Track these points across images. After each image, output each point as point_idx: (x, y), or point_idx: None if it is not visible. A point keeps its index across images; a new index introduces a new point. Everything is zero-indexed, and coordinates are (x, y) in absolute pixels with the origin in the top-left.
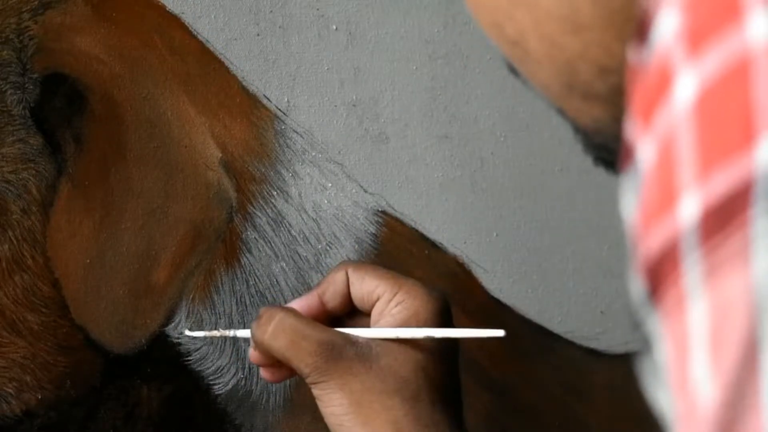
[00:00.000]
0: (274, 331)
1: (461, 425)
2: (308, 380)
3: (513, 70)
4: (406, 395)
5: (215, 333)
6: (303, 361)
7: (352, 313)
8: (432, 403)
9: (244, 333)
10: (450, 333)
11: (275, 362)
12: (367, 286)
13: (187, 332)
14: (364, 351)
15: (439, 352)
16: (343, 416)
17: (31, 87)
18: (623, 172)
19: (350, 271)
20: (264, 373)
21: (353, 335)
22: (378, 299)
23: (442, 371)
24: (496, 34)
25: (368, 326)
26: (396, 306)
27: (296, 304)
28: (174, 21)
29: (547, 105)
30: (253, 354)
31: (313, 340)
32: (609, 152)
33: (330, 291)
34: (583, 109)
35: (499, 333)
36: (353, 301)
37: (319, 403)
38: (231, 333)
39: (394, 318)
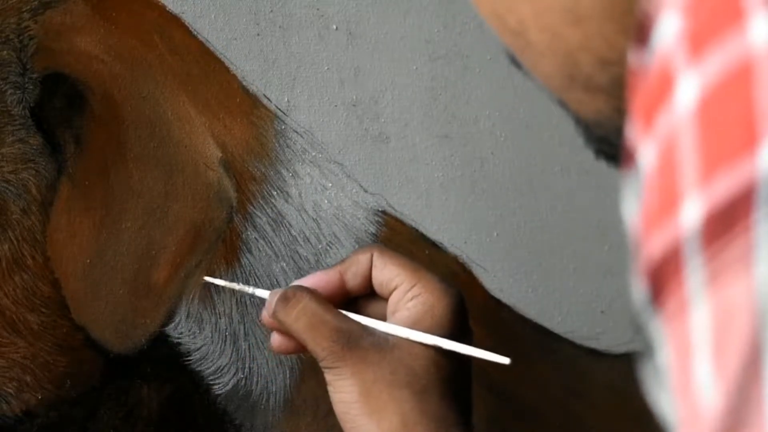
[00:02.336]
0: (296, 314)
1: (469, 422)
2: (322, 364)
3: (514, 61)
4: (415, 388)
5: (234, 285)
6: (320, 345)
7: (370, 295)
8: (441, 399)
9: (262, 293)
10: (456, 347)
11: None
12: (387, 273)
13: (206, 278)
14: (380, 342)
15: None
16: (352, 404)
17: (31, 87)
18: (624, 175)
19: (375, 255)
20: (274, 340)
21: (370, 326)
22: (396, 288)
23: (454, 368)
24: (497, 25)
25: (384, 312)
26: (412, 299)
27: (317, 277)
28: (174, 21)
29: (547, 100)
30: (265, 318)
31: (332, 326)
32: (610, 145)
33: (352, 270)
34: (585, 100)
35: (505, 360)
36: (373, 284)
37: (329, 388)
38: (250, 290)
39: (409, 311)
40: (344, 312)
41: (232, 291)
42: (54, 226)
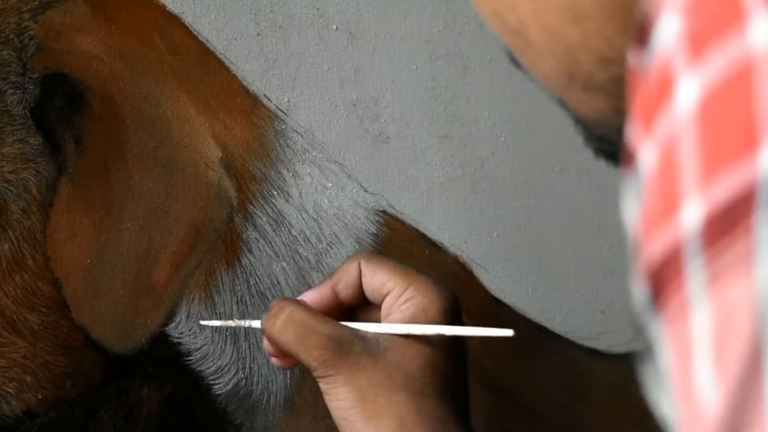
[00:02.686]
0: (283, 325)
1: (467, 422)
2: (315, 374)
3: (514, 61)
4: (412, 391)
5: (230, 323)
6: (311, 355)
7: (364, 304)
8: (438, 400)
9: (257, 323)
10: (459, 331)
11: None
12: (378, 279)
13: (202, 322)
14: (371, 346)
15: (447, 349)
16: (349, 410)
17: (31, 87)
18: (624, 177)
19: (363, 263)
20: (274, 360)
21: (362, 330)
22: (388, 293)
23: (450, 368)
24: (497, 24)
25: (379, 319)
26: (405, 302)
27: (309, 295)
28: (174, 21)
29: (548, 100)
30: (266, 343)
31: (321, 335)
32: (609, 144)
33: (343, 282)
34: (584, 100)
35: (508, 333)
36: (365, 292)
37: (325, 397)
38: (246, 323)
39: (403, 314)
40: (333, 321)
41: (233, 292)
42: (54, 226)
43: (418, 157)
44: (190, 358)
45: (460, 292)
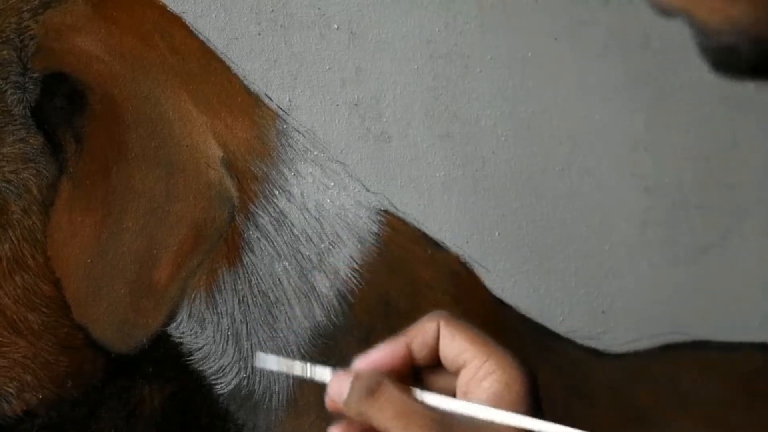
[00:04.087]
0: (382, 404)
1: None
2: None
3: None
4: None
5: (290, 364)
6: None
7: (435, 366)
8: None
9: (322, 374)
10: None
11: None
12: (456, 346)
13: (260, 356)
14: (466, 425)
15: None
16: None
17: (32, 86)
18: None
19: (442, 325)
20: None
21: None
22: (464, 364)
23: None
24: None
25: (451, 386)
26: (486, 377)
27: (385, 352)
28: (175, 20)
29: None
30: (330, 404)
31: (423, 415)
32: (736, 56)
33: (419, 340)
34: (721, 7)
35: None
36: (440, 356)
37: None
38: (309, 374)
39: (486, 392)
40: (419, 392)
41: (234, 291)
42: (55, 226)
43: (419, 157)
44: (191, 357)
45: (462, 292)
